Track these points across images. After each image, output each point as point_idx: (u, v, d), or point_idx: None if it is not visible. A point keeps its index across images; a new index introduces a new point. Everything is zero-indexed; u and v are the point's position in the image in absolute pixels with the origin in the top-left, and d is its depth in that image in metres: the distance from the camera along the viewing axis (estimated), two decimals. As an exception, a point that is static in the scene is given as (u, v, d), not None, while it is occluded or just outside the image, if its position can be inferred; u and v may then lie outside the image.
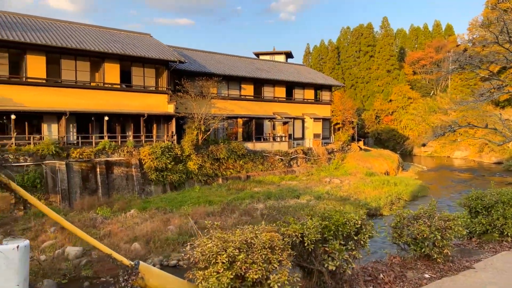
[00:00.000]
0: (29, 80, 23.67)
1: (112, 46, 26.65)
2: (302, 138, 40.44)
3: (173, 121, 29.13)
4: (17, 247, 2.62)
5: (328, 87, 44.41)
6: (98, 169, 24.24)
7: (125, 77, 27.77)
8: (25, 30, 24.26)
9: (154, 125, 28.95)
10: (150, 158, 25.87)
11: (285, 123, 38.13)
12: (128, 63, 27.52)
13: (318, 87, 43.46)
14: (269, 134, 36.88)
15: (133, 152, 26.03)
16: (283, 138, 37.27)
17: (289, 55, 56.17)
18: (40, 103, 23.77)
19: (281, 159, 34.36)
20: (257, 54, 54.58)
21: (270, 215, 21.00)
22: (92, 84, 26.36)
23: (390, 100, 70.87)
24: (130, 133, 27.93)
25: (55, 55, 24.52)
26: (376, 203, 24.96)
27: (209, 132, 29.96)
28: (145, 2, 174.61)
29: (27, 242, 2.70)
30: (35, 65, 23.79)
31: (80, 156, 23.84)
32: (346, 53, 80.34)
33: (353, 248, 4.69)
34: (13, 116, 22.46)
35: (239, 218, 20.19)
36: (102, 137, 25.89)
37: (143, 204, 22.69)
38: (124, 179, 25.21)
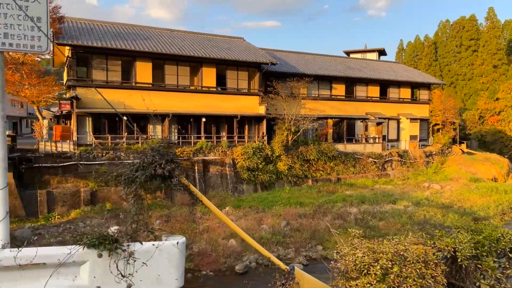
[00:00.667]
0: (137, 85, 26.00)
1: (209, 51, 28.06)
2: (397, 139, 38.30)
3: (264, 122, 29.67)
4: (177, 243, 2.79)
5: (426, 85, 41.43)
6: (196, 167, 25.69)
7: (220, 80, 29.04)
8: (134, 39, 26.70)
9: (246, 126, 29.79)
10: (242, 158, 26.68)
11: (378, 123, 36.48)
12: (223, 66, 28.74)
13: (415, 86, 40.79)
14: (361, 135, 35.61)
15: (227, 152, 27.09)
16: (377, 140, 35.69)
17: (382, 52, 53.67)
18: (147, 105, 25.90)
19: (374, 161, 32.95)
20: (348, 53, 53.12)
21: (364, 220, 20.26)
22: (191, 87, 28.04)
23: (497, 99, 63.68)
24: (224, 134, 29.14)
25: (159, 61, 26.58)
26: (484, 212, 22.59)
27: (299, 133, 29.92)
28: (233, 7, 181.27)
29: (183, 239, 2.87)
30: (143, 71, 26.05)
31: (181, 155, 25.49)
32: (445, 49, 74.18)
33: (507, 266, 4.20)
34: (124, 118, 24.85)
35: (332, 221, 19.78)
36: (199, 137, 27.41)
37: (237, 202, 23.46)
38: (219, 177, 26.36)
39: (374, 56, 51.49)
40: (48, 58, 35.16)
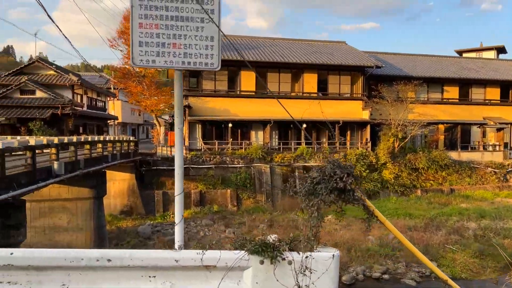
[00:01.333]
0: (242, 93, 27.12)
1: (310, 57, 28.04)
2: (523, 147, 33.68)
3: (368, 127, 28.55)
4: (333, 255, 2.75)
5: (561, 85, 35.71)
6: (296, 173, 25.78)
7: (321, 85, 28.79)
8: (239, 49, 27.94)
9: (348, 132, 28.99)
10: (344, 165, 25.99)
11: (499, 129, 32.50)
12: (324, 72, 28.45)
13: (545, 86, 35.46)
14: (478, 142, 32.09)
15: (329, 158, 26.64)
16: (497, 147, 31.83)
17: (501, 50, 47.87)
18: (250, 113, 26.84)
19: (494, 171, 29.41)
20: (460, 52, 48.52)
21: (486, 237, 18.14)
22: (292, 94, 28.31)
23: None
24: (324, 140, 28.76)
25: (262, 69, 27.37)
26: None
27: (406, 140, 28.11)
28: (329, 11, 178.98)
29: (338, 251, 2.83)
30: (247, 80, 27.08)
31: (282, 161, 25.85)
32: None
33: None
34: (230, 125, 26.11)
35: (447, 236, 18.12)
36: (299, 143, 27.48)
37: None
38: (320, 184, 26.06)
39: (491, 54, 46.16)
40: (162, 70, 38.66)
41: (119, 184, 23.22)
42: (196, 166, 24.89)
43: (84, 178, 15.13)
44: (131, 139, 23.55)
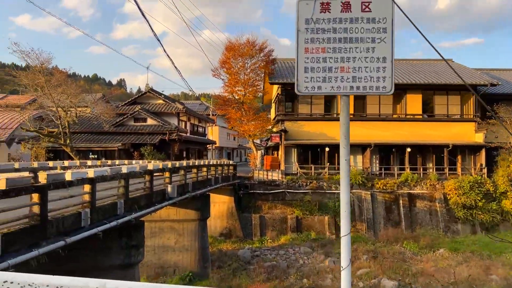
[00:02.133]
0: (339, 116, 26.39)
1: (414, 76, 26.41)
2: None
3: (482, 152, 25.60)
4: None
5: None
6: (400, 201, 23.99)
7: (426, 106, 26.81)
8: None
9: (459, 157, 26.29)
10: (456, 193, 23.48)
11: None
12: (430, 92, 26.50)
13: None
14: None
15: (436, 186, 24.36)
16: None
17: None
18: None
19: None
20: None
21: None
22: (394, 116, 26.78)
23: None
24: (431, 165, 26.44)
25: (361, 91, 26.48)
26: None
27: (531, 166, 24.48)
28: (426, 28, 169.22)
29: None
30: (345, 102, 26.37)
31: (384, 187, 24.31)
32: None
33: None
34: (326, 149, 25.51)
35: None
36: (402, 169, 25.66)
37: (452, 244, 20.56)
38: (427, 213, 23.85)
39: None
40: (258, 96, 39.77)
41: (218, 206, 23.95)
42: (292, 190, 24.65)
43: (190, 200, 15.81)
44: (230, 163, 24.30)
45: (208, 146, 43.88)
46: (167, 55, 8.83)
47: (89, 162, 16.07)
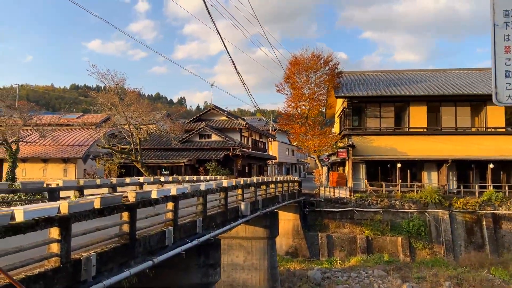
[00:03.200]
0: (411, 130, 24.93)
1: (494, 86, 24.29)
2: None
3: None
4: None
5: None
6: (484, 222, 21.84)
7: (509, 118, 24.46)
8: (407, 84, 26.08)
9: (551, 174, 23.53)
10: (551, 215, 20.89)
11: None
12: (514, 102, 24.14)
13: None
14: None
15: (526, 206, 21.88)
16: None
17: None
18: (421, 151, 24.33)
19: None
20: None
21: None
22: (473, 129, 24.74)
23: None
24: (518, 183, 23.89)
25: (434, 103, 24.83)
26: None
27: None
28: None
29: None
30: (416, 116, 24.86)
31: (463, 207, 22.31)
32: None
33: None
34: (398, 165, 24.07)
35: None
36: (484, 187, 23.47)
37: (551, 272, 18.17)
38: (516, 237, 21.45)
39: None
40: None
41: (284, 224, 23.38)
42: (361, 209, 23.45)
43: (259, 218, 15.46)
44: (295, 179, 23.74)
45: (268, 161, 43.70)
46: (237, 73, 8.71)
47: (162, 178, 16.37)
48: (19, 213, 4.55)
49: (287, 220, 23.13)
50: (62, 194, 11.12)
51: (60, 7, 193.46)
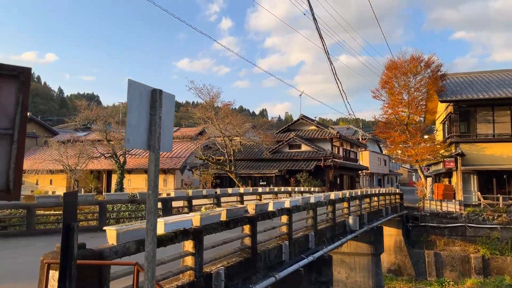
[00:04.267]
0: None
1: None
2: None
3: None
4: None
5: None
6: None
7: None
8: (525, 83, 22.99)
9: None
10: None
11: None
12: None
13: None
14: None
15: None
16: None
17: None
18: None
19: None
20: None
21: None
22: None
23: None
24: None
25: None
26: None
27: None
28: None
29: None
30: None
31: None
32: None
33: None
34: (519, 175, 21.13)
35: None
36: None
37: None
38: None
39: None
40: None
41: (385, 239, 21.86)
42: (474, 225, 20.97)
43: (362, 233, 14.52)
44: (397, 191, 22.14)
45: (359, 172, 41.85)
46: (336, 80, 8.11)
47: (259, 189, 16.38)
48: (160, 225, 4.54)
49: (388, 236, 21.57)
50: (174, 204, 11.54)
51: (154, 30, 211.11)
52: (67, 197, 3.04)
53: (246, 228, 6.39)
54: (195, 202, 12.29)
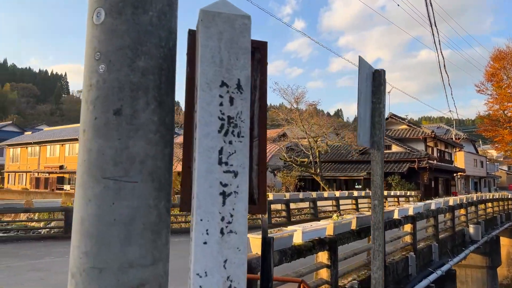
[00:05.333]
0: None
1: None
2: None
3: None
4: None
5: None
6: None
7: None
8: None
9: None
10: None
11: None
12: None
13: None
14: None
15: None
16: None
17: None
18: None
19: None
20: None
21: None
22: None
23: None
24: None
25: None
26: None
27: None
28: None
29: None
30: None
31: None
32: None
33: None
34: None
35: None
36: None
37: None
38: None
39: None
40: None
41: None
42: None
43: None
44: (509, 196, 19.60)
45: (454, 174, 38.27)
46: (442, 72, 7.02)
47: (355, 193, 15.48)
48: (298, 234, 4.12)
49: (502, 246, 19.19)
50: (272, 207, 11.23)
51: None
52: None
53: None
54: (292, 205, 11.87)
